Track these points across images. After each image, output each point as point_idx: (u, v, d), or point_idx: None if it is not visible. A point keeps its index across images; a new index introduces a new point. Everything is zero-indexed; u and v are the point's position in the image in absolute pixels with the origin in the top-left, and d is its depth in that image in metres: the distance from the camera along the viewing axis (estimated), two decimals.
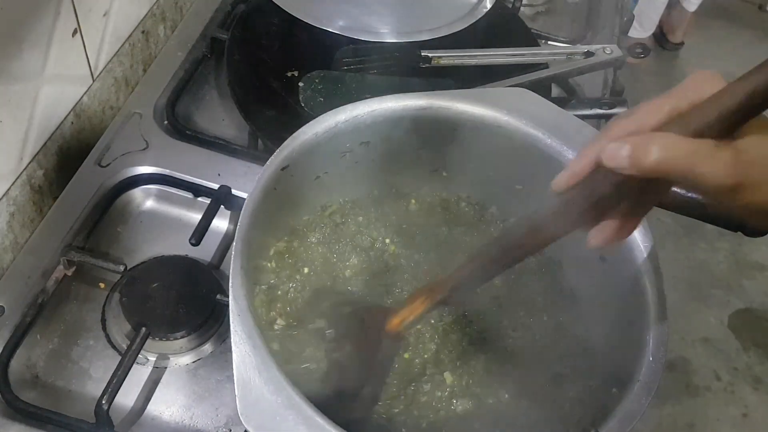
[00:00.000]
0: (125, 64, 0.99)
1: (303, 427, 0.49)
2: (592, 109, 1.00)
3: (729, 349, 2.07)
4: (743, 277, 2.24)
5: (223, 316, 0.79)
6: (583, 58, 0.98)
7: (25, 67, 0.78)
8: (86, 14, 0.87)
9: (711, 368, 2.02)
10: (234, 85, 0.97)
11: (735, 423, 1.93)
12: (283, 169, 0.64)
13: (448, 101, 0.70)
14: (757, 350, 2.07)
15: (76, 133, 0.91)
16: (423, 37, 0.96)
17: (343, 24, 0.95)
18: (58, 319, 0.79)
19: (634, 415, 0.53)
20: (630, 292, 0.62)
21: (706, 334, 2.09)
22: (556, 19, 1.26)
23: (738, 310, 2.16)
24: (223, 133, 0.97)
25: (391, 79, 0.96)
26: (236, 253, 0.57)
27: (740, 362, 2.04)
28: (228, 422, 0.73)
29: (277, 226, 0.70)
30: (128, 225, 0.88)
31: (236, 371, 0.52)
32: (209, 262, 0.85)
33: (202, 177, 0.89)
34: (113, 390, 0.69)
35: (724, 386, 1.99)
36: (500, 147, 0.71)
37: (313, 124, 0.67)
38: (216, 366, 0.77)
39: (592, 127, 0.71)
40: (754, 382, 2.01)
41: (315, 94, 0.93)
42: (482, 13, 1.01)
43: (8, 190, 0.80)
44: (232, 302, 0.54)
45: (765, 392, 1.99)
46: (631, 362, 0.57)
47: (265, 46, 1.03)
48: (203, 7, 1.14)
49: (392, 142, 0.71)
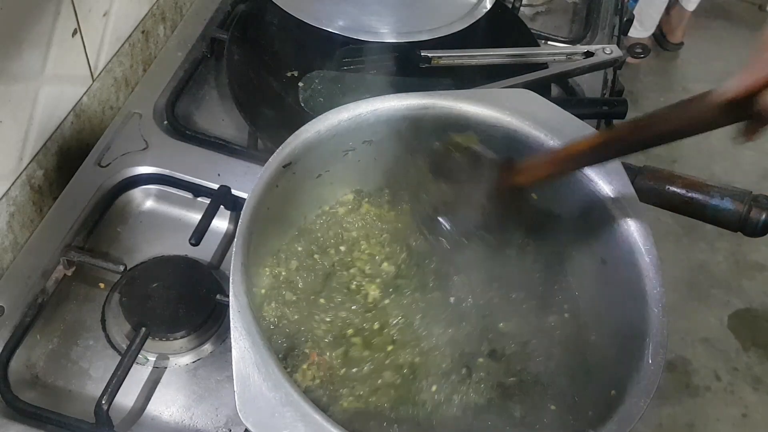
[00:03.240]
0: (125, 64, 0.99)
1: (301, 424, 0.50)
2: (591, 109, 1.00)
3: (729, 349, 2.07)
4: (743, 277, 2.24)
5: (222, 317, 0.79)
6: (583, 58, 0.98)
7: (25, 67, 0.78)
8: (86, 14, 0.87)
9: (711, 368, 2.02)
10: (234, 85, 0.97)
11: (735, 423, 1.92)
12: (285, 167, 0.64)
13: (451, 101, 0.70)
14: (757, 350, 2.07)
15: (76, 133, 0.91)
16: (423, 37, 0.96)
17: (343, 24, 0.95)
18: (57, 319, 0.79)
19: (632, 417, 0.53)
20: (629, 294, 0.62)
21: (706, 334, 2.09)
22: (556, 19, 1.26)
23: (738, 310, 2.16)
24: (223, 133, 0.97)
25: (390, 79, 0.96)
26: (237, 249, 0.57)
27: (740, 362, 2.04)
28: (228, 422, 0.73)
29: (278, 223, 0.70)
30: (128, 225, 0.88)
31: (235, 368, 0.52)
32: (209, 262, 0.85)
33: (201, 177, 0.89)
34: (113, 390, 0.69)
35: (724, 386, 1.99)
36: (501, 147, 0.71)
37: (315, 122, 0.67)
38: (216, 366, 0.77)
39: (591, 128, 0.71)
40: (754, 382, 2.00)
41: (315, 94, 0.94)
42: (482, 13, 1.01)
43: (8, 190, 0.80)
44: (232, 299, 0.54)
45: (765, 392, 1.99)
46: (630, 364, 0.57)
47: (265, 46, 1.03)
48: (203, 7, 1.14)
49: (394, 140, 0.71)
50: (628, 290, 0.62)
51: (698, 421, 1.91)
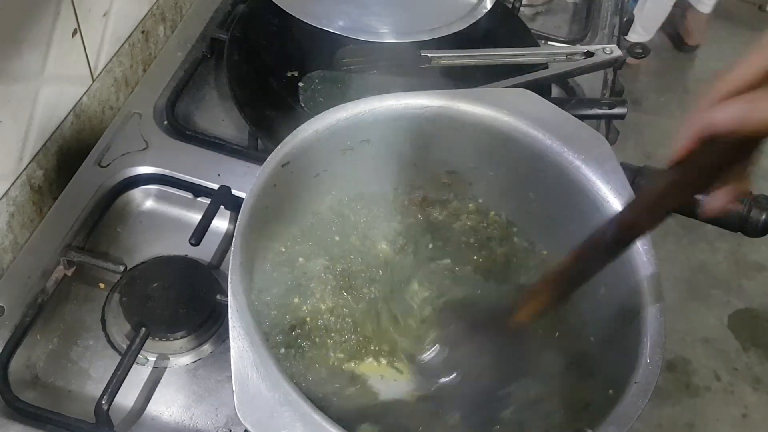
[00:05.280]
0: (125, 65, 0.99)
1: (299, 424, 0.50)
2: (591, 109, 0.99)
3: (729, 349, 2.07)
4: (743, 277, 2.24)
5: (222, 317, 0.79)
6: (583, 58, 0.98)
7: (25, 67, 0.78)
8: (86, 14, 0.87)
9: (711, 368, 2.02)
10: (234, 85, 0.97)
11: (735, 423, 1.92)
12: (284, 166, 0.64)
13: (449, 101, 0.70)
14: (757, 350, 2.07)
15: (75, 134, 0.91)
16: (423, 37, 0.96)
17: (343, 24, 0.95)
18: (57, 319, 0.79)
19: (630, 416, 0.53)
20: (627, 294, 0.62)
21: (706, 334, 2.09)
22: (556, 19, 1.26)
23: (738, 310, 2.16)
24: (223, 133, 0.97)
25: (391, 79, 0.96)
26: (235, 249, 0.57)
27: (740, 362, 2.04)
28: (228, 422, 0.73)
29: (277, 223, 0.70)
30: (128, 225, 0.88)
31: (234, 367, 0.52)
32: (209, 262, 0.85)
33: (201, 177, 0.89)
34: (113, 390, 0.69)
35: (724, 386, 1.99)
36: (500, 147, 0.71)
37: (313, 121, 0.67)
38: (216, 366, 0.77)
39: (591, 128, 0.71)
40: (754, 382, 2.01)
41: (315, 94, 0.93)
42: (482, 13, 1.01)
43: (8, 190, 0.80)
44: (230, 298, 0.54)
45: (765, 392, 1.99)
46: (628, 364, 0.57)
47: (265, 46, 1.03)
48: (203, 7, 1.14)
49: (392, 140, 0.71)
50: (625, 289, 0.62)
51: (698, 421, 1.91)
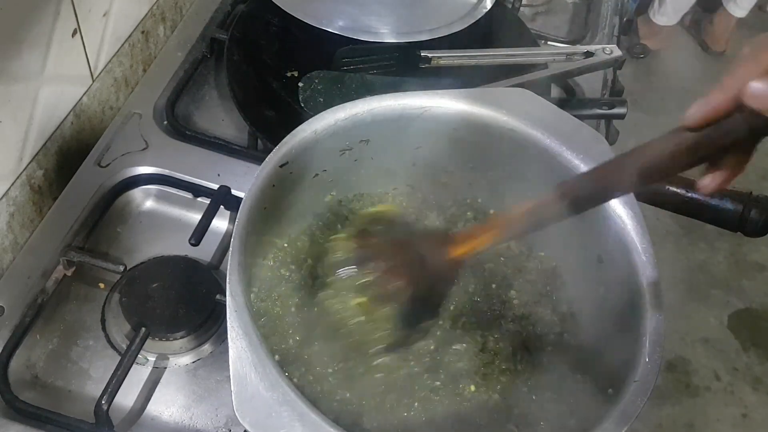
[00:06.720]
0: (125, 65, 0.99)
1: (298, 423, 0.50)
2: (591, 109, 1.00)
3: (729, 349, 2.07)
4: (743, 278, 2.24)
5: (222, 317, 0.79)
6: (583, 58, 0.98)
7: (25, 67, 0.78)
8: (86, 14, 0.87)
9: (711, 368, 2.02)
10: (234, 85, 0.97)
11: (735, 423, 1.92)
12: (282, 166, 0.64)
13: (448, 101, 0.70)
14: (757, 350, 2.07)
15: (75, 134, 0.91)
16: (422, 37, 0.96)
17: (343, 24, 0.95)
18: (57, 319, 0.79)
19: (629, 416, 0.53)
20: (626, 294, 0.62)
21: (706, 334, 2.09)
22: (556, 19, 1.26)
23: (738, 310, 2.16)
24: (222, 133, 0.97)
25: (390, 80, 0.96)
26: (234, 249, 0.57)
27: (740, 362, 2.04)
28: (228, 422, 0.73)
29: (276, 223, 0.70)
30: (128, 225, 0.88)
31: (232, 367, 0.52)
32: (209, 262, 0.85)
33: (201, 177, 0.89)
34: (113, 390, 0.69)
35: (723, 386, 1.99)
36: (499, 147, 0.71)
37: (312, 121, 0.67)
38: (215, 366, 0.77)
39: (590, 128, 0.72)
40: (754, 382, 2.00)
41: (315, 94, 0.93)
42: (482, 13, 1.01)
43: (8, 190, 0.80)
44: (229, 298, 0.54)
45: (765, 392, 1.98)
46: (627, 363, 0.57)
47: (265, 46, 1.03)
48: (203, 7, 1.14)
49: (391, 140, 0.71)
50: (624, 288, 0.62)
51: (698, 421, 1.91)
